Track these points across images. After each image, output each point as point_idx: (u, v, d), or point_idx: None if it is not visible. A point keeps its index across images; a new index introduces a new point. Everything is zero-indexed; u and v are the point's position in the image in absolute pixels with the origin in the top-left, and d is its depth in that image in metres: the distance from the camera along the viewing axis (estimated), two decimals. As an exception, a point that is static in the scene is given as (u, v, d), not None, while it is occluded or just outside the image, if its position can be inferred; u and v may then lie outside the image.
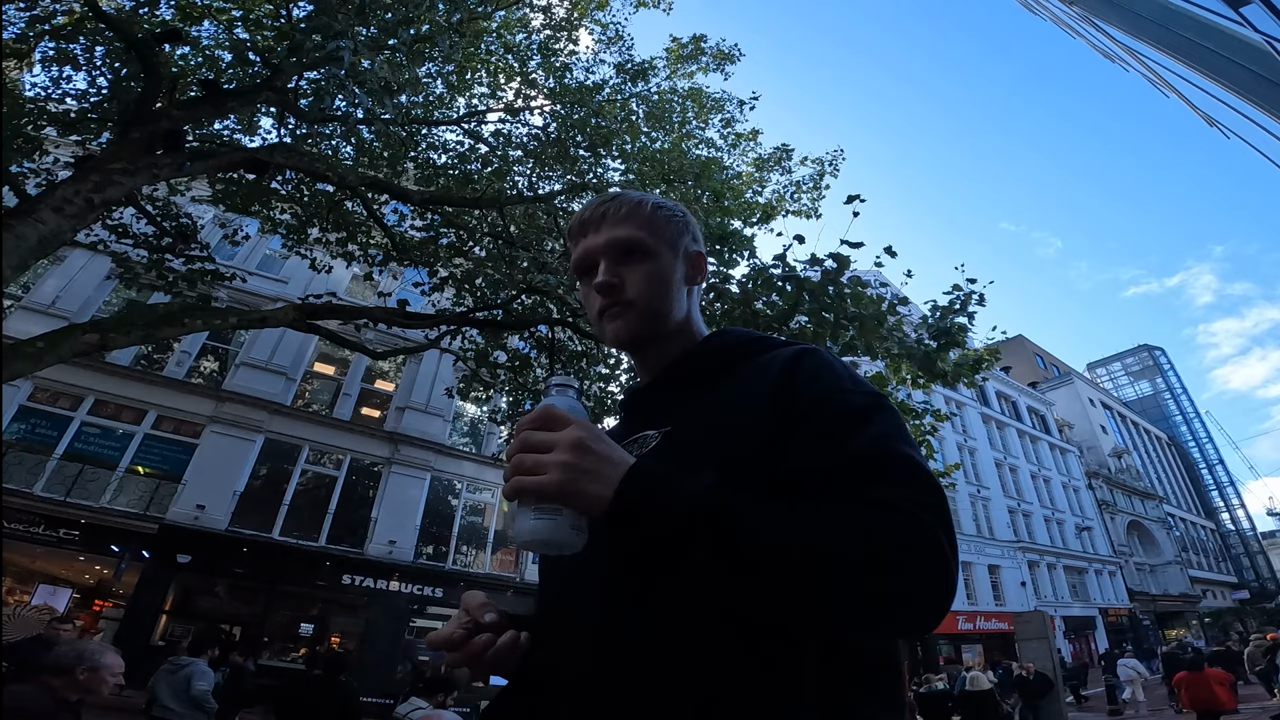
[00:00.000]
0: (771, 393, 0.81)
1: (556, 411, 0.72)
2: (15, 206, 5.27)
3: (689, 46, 10.74)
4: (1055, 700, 14.02)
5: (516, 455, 0.70)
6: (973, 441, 35.90)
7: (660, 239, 0.98)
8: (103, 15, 6.27)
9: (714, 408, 0.86)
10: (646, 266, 0.96)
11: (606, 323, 0.97)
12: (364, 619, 16.25)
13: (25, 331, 12.31)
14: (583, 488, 0.67)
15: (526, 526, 0.69)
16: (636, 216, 0.98)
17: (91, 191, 5.37)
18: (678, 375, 0.97)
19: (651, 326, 0.97)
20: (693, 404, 0.90)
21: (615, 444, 0.72)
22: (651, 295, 0.96)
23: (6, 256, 4.84)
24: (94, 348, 5.63)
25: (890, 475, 0.70)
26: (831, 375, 0.83)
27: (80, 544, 13.89)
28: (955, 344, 6.86)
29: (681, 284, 1.01)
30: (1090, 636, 35.08)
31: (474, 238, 9.48)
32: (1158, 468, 57.86)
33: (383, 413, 19.09)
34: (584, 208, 1.02)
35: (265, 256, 19.03)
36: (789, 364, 0.84)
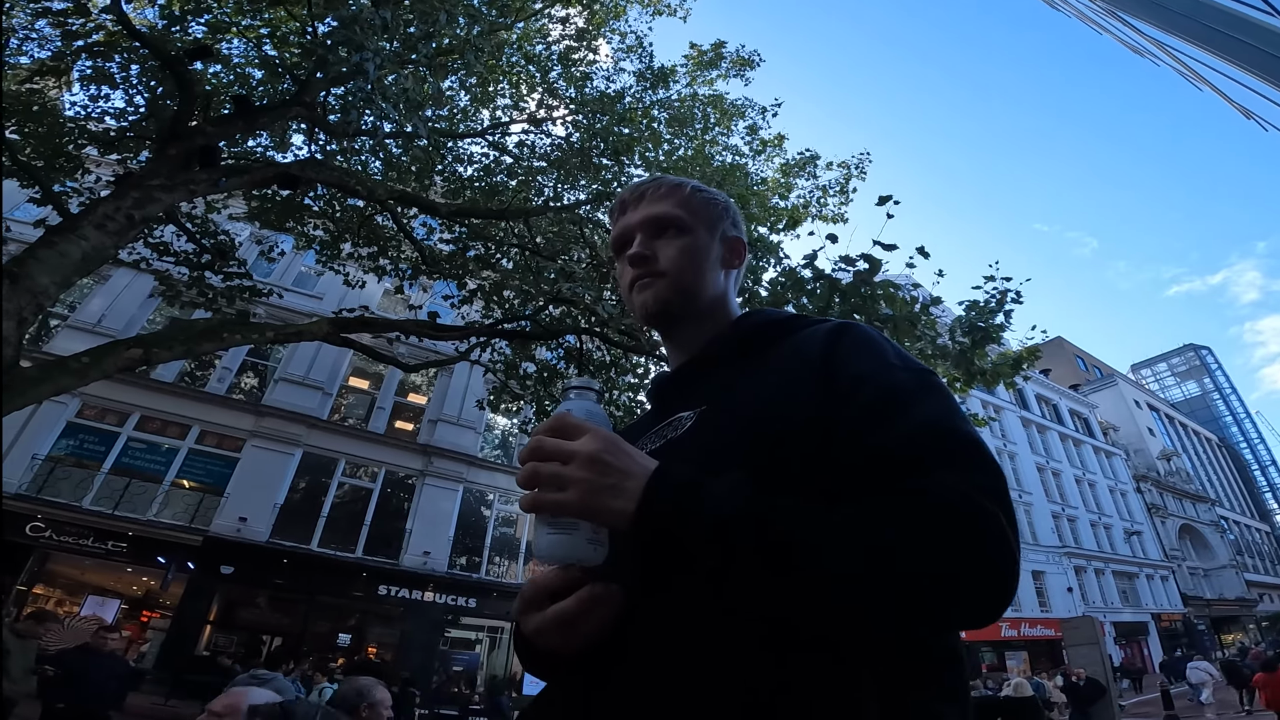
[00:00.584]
0: (811, 370, 0.77)
1: (572, 419, 0.68)
2: (59, 224, 5.46)
3: (709, 53, 10.75)
4: (1108, 706, 13.53)
5: (531, 465, 0.66)
6: (1012, 446, 35.07)
7: (697, 218, 0.97)
8: (136, 33, 6.46)
9: (750, 386, 0.81)
10: (681, 241, 0.95)
11: (637, 294, 0.94)
12: (400, 630, 16.44)
13: (73, 350, 12.78)
14: (604, 503, 0.64)
15: (544, 541, 0.66)
16: (675, 195, 0.97)
17: (132, 208, 5.54)
18: (711, 355, 0.93)
19: (682, 299, 0.94)
20: (728, 383, 0.85)
21: (636, 452, 0.68)
22: (683, 268, 0.93)
23: (50, 273, 5.01)
24: (137, 362, 5.79)
25: (947, 457, 0.64)
26: (876, 350, 0.77)
27: (128, 556, 14.30)
28: (992, 341, 6.67)
29: (717, 264, 0.98)
30: (1143, 642, 34.02)
31: (501, 249, 9.57)
32: (1208, 470, 55.84)
33: (416, 425, 19.35)
34: (624, 189, 1.01)
35: (300, 273, 19.50)
36: (829, 339, 0.80)
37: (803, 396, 0.74)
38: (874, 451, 0.67)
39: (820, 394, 0.74)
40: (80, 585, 15.11)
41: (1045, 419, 39.39)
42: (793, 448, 0.70)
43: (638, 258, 0.94)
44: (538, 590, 0.70)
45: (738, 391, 0.82)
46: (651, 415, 0.98)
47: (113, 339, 15.12)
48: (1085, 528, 35.76)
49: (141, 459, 15.36)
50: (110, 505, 14.38)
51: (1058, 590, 30.83)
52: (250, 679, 6.82)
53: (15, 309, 4.77)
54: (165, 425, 15.87)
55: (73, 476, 14.40)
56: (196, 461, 15.87)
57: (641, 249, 0.94)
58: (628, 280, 0.96)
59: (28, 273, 4.90)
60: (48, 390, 4.95)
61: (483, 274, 9.75)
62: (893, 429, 0.67)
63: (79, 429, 15.00)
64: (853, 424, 0.70)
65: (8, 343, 4.67)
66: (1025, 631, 27.93)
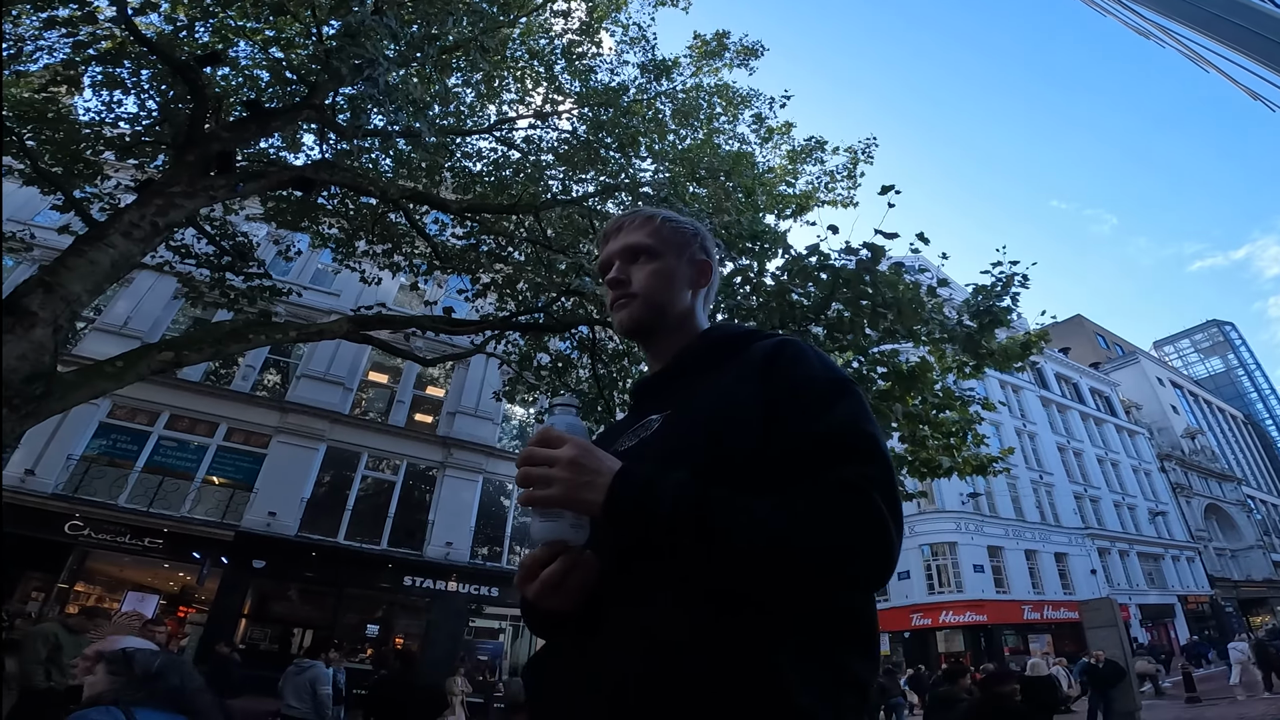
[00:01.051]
0: (755, 379, 0.94)
1: (555, 432, 0.86)
2: (86, 233, 5.66)
3: (712, 43, 10.76)
4: (1127, 689, 13.49)
5: (524, 469, 0.85)
6: (1032, 426, 34.67)
7: (666, 244, 1.15)
8: (144, 40, 6.59)
9: (707, 393, 0.98)
10: (651, 266, 1.12)
11: (616, 313, 1.14)
12: (425, 620, 16.81)
13: (101, 352, 13.16)
14: (579, 496, 0.82)
15: (537, 527, 0.87)
16: (647, 226, 1.15)
17: (155, 215, 5.74)
18: (679, 364, 1.11)
19: (652, 316, 1.12)
20: (690, 390, 1.02)
21: (605, 456, 0.86)
22: (653, 289, 1.12)
23: (82, 280, 5.24)
24: (169, 365, 6.02)
25: (848, 454, 0.83)
26: (805, 363, 0.95)
27: (164, 552, 14.78)
28: (999, 324, 6.72)
29: (685, 284, 1.16)
30: (1169, 625, 33.51)
31: (513, 243, 9.72)
32: (1234, 448, 54.75)
33: (435, 418, 19.68)
34: (608, 223, 1.20)
35: (318, 271, 19.84)
36: (770, 353, 0.97)
37: (747, 401, 0.92)
38: (796, 445, 0.86)
39: (760, 399, 0.91)
40: (119, 582, 15.63)
41: (1066, 398, 38.90)
42: (738, 443, 0.89)
43: (614, 282, 1.13)
44: (533, 561, 0.88)
45: (697, 397, 0.99)
46: (631, 415, 1.16)
47: (139, 340, 15.63)
48: (1108, 508, 35.30)
49: (173, 457, 15.82)
50: (145, 503, 14.86)
51: (1081, 572, 30.51)
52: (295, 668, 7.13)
53: (51, 316, 5.00)
54: (194, 423, 16.32)
55: (107, 475, 14.88)
56: (225, 458, 16.32)
57: (617, 274, 1.13)
58: (609, 301, 1.15)
59: (60, 281, 5.12)
60: (86, 394, 5.19)
61: (495, 267, 9.91)
62: (812, 427, 0.86)
63: (111, 429, 15.49)
64: (782, 423, 0.88)
65: (46, 349, 4.91)
66: (1048, 614, 27.71)
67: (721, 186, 9.05)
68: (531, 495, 0.84)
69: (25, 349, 4.69)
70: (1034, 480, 32.24)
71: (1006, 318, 6.72)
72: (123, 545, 14.46)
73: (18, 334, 4.71)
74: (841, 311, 6.47)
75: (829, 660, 0.80)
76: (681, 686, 0.74)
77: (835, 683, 0.79)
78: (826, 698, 0.76)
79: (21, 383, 4.58)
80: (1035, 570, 29.23)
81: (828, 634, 0.81)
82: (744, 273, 7.07)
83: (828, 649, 0.80)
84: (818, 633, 0.80)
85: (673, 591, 0.81)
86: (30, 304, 4.84)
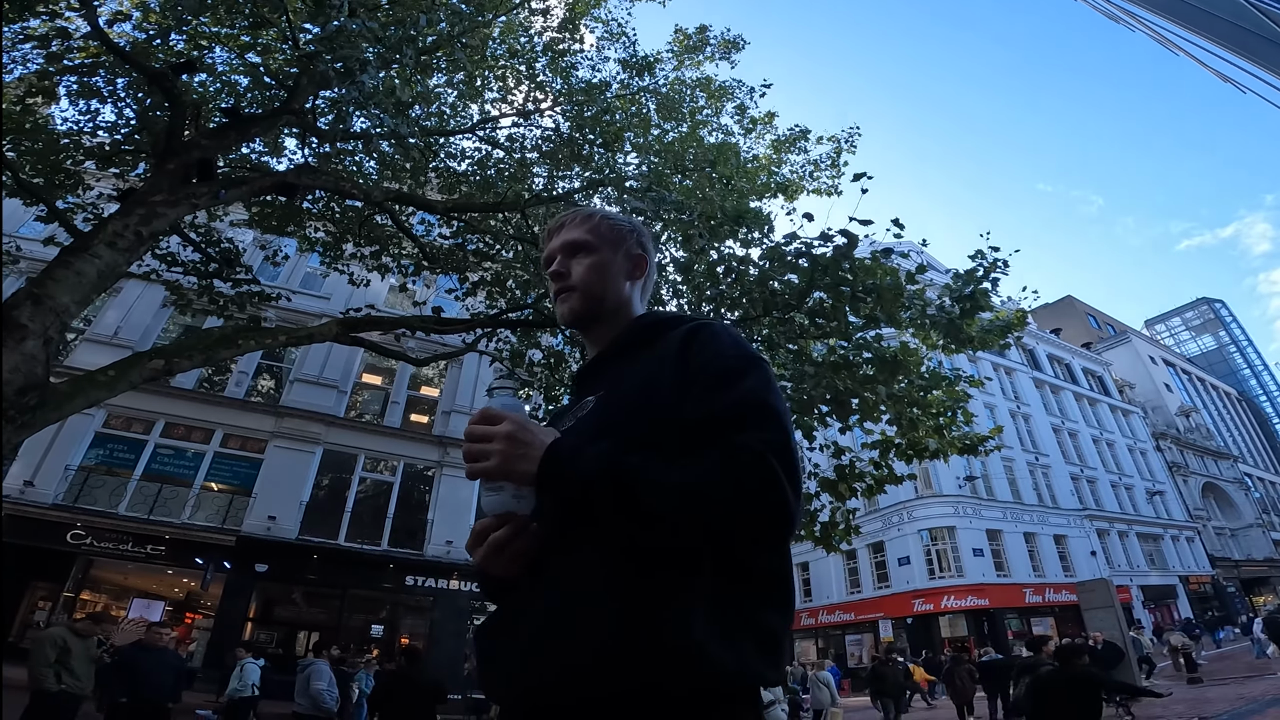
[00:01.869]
0: (675, 359, 1.03)
1: (493, 411, 0.95)
2: (71, 244, 5.70)
3: (694, 37, 10.82)
4: (1127, 669, 13.61)
5: (466, 446, 0.94)
6: (1026, 408, 34.80)
7: (603, 240, 1.23)
8: (118, 50, 6.61)
9: (635, 374, 1.07)
10: (589, 259, 1.21)
11: (558, 305, 1.22)
12: (429, 619, 16.96)
13: (93, 363, 13.14)
14: (514, 467, 0.91)
15: (485, 500, 0.95)
16: (587, 224, 1.23)
17: (139, 225, 5.79)
18: (613, 349, 1.19)
19: (591, 306, 1.20)
20: (621, 371, 1.12)
21: (540, 430, 0.95)
22: (591, 281, 1.20)
23: (70, 292, 5.30)
24: (160, 373, 6.08)
25: (751, 422, 0.91)
26: (717, 343, 1.03)
27: (167, 558, 14.90)
28: (979, 308, 6.82)
29: (621, 277, 1.24)
30: (1172, 606, 33.54)
31: (500, 241, 9.78)
32: (1230, 425, 54.95)
33: (430, 418, 19.77)
34: (551, 220, 1.28)
35: (306, 274, 19.86)
36: (687, 336, 1.06)
37: (666, 379, 1.01)
38: (705, 415, 0.94)
39: (677, 376, 1.00)
40: (125, 589, 15.75)
41: (1059, 379, 39.04)
42: (658, 415, 0.98)
43: (555, 274, 1.21)
44: (482, 529, 0.98)
45: (625, 378, 1.08)
46: (573, 399, 1.24)
47: (129, 349, 15.65)
48: (1106, 489, 35.43)
49: (170, 464, 15.91)
50: (145, 510, 14.96)
51: (1081, 554, 30.56)
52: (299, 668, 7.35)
53: (41, 328, 5.06)
54: (190, 431, 16.41)
55: (106, 484, 14.98)
56: (223, 464, 16.41)
57: (559, 268, 1.21)
58: (552, 293, 1.23)
59: (49, 293, 5.17)
60: (80, 403, 5.25)
61: (483, 266, 9.97)
62: (720, 398, 0.95)
63: (108, 439, 15.56)
64: (695, 396, 0.97)
65: (37, 361, 4.98)
66: (1050, 597, 27.77)
67: (706, 177, 9.11)
68: (472, 468, 0.93)
69: (17, 361, 4.75)
70: (1030, 462, 32.36)
71: (987, 301, 6.82)
72: (126, 553, 14.56)
73: (9, 346, 4.77)
74: (823, 299, 6.57)
75: (740, 612, 0.87)
76: (590, 628, 0.84)
77: (743, 632, 0.86)
78: (731, 644, 0.85)
79: (15, 394, 4.65)
80: (1035, 553, 29.33)
81: (740, 589, 0.89)
82: (727, 262, 7.15)
83: (739, 602, 0.88)
84: (730, 588, 0.88)
85: (595, 549, 0.89)
86: (20, 316, 4.90)
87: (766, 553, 0.94)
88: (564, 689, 0.84)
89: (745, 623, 0.88)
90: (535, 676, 0.87)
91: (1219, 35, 6.60)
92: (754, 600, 0.91)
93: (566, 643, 0.85)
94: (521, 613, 0.95)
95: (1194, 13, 6.96)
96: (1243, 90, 9.24)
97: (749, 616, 0.89)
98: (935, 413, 7.89)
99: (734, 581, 0.89)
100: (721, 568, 0.89)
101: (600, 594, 0.86)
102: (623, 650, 0.82)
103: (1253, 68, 6.81)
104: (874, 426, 7.63)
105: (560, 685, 0.84)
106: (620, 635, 0.82)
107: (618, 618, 0.83)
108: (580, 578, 0.89)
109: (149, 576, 15.91)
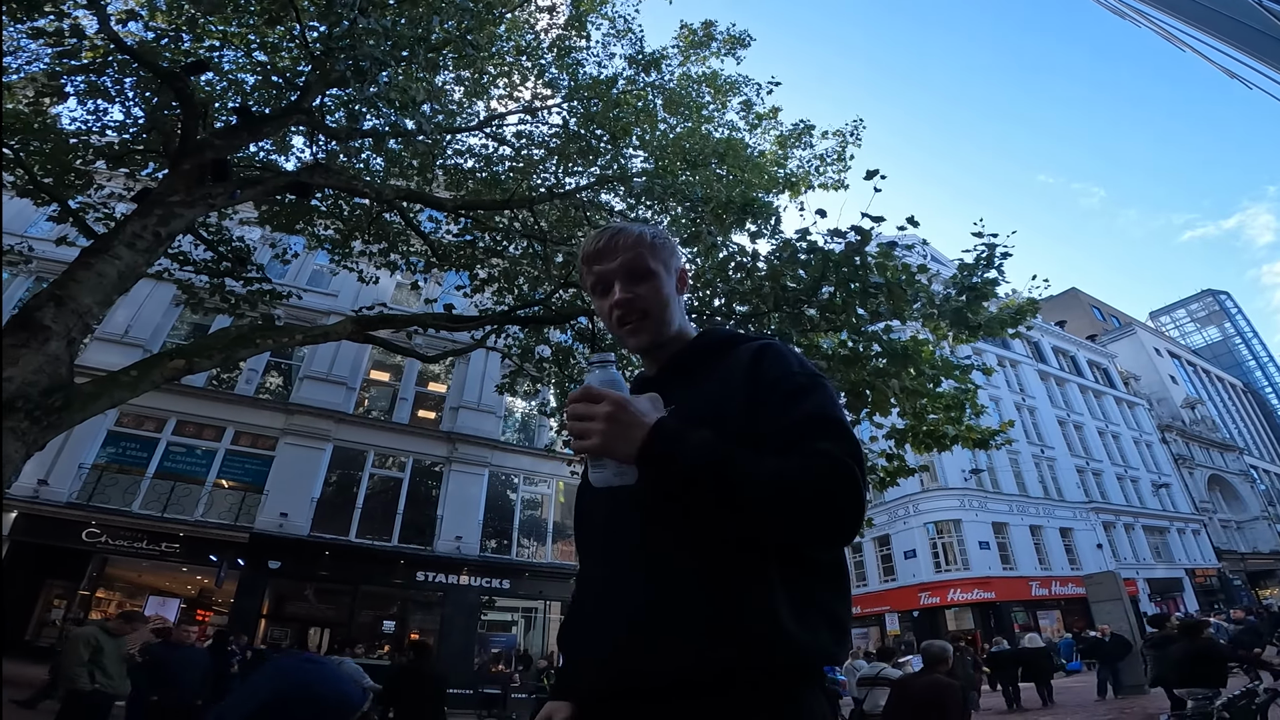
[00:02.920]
0: (744, 377, 1.10)
1: (594, 390, 0.98)
2: (91, 245, 5.76)
3: (700, 33, 10.83)
4: (1135, 661, 13.67)
5: (570, 423, 0.98)
6: (1031, 400, 34.68)
7: (660, 261, 1.25)
8: (128, 50, 6.65)
9: (703, 391, 1.14)
10: (653, 284, 1.23)
11: (628, 335, 1.24)
12: (439, 614, 17.04)
13: (105, 362, 13.32)
14: (617, 446, 0.94)
15: (592, 475, 1.01)
16: (641, 245, 1.24)
17: (157, 225, 5.86)
18: (677, 366, 1.25)
19: (660, 331, 1.25)
20: (688, 388, 1.18)
21: (641, 410, 0.98)
22: (660, 308, 1.24)
23: (91, 293, 5.37)
24: (181, 372, 6.15)
25: (826, 434, 0.97)
26: (784, 362, 1.10)
27: (181, 556, 15.04)
28: (985, 296, 6.87)
29: (674, 295, 1.28)
30: (1178, 599, 33.33)
31: (508, 238, 9.82)
32: (1235, 417, 54.52)
33: (438, 414, 19.86)
34: (592, 239, 1.27)
35: (314, 272, 19.87)
36: (755, 355, 1.13)
37: (737, 396, 1.08)
38: (782, 427, 1.01)
39: (747, 392, 1.08)
40: (139, 587, 15.91)
41: (1063, 371, 38.89)
42: (732, 429, 1.04)
43: (624, 302, 1.21)
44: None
45: (695, 395, 1.14)
46: None
47: (141, 348, 15.78)
48: (1111, 481, 35.29)
49: (182, 462, 16.03)
50: (159, 508, 15.07)
51: (1087, 547, 30.51)
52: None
53: (64, 329, 5.14)
54: (201, 429, 16.52)
55: (120, 483, 15.10)
56: (234, 461, 16.53)
57: (623, 295, 1.21)
58: (615, 319, 1.24)
59: (71, 294, 5.24)
60: (104, 404, 5.33)
61: (492, 262, 10.02)
62: (794, 412, 1.02)
63: (120, 437, 15.68)
64: (768, 411, 1.04)
65: (61, 361, 5.06)
66: (1056, 590, 27.74)
67: (713, 173, 9.15)
68: (576, 445, 0.98)
69: (41, 362, 4.83)
70: (1035, 455, 32.31)
71: (993, 289, 6.87)
72: (140, 551, 14.69)
73: (33, 348, 4.85)
74: (833, 294, 6.62)
75: (812, 598, 0.97)
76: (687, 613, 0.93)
77: (817, 616, 0.96)
78: (809, 627, 0.94)
79: (40, 395, 4.72)
80: (1041, 546, 29.32)
81: (810, 578, 0.99)
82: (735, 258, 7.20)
83: (811, 589, 0.98)
84: (802, 576, 0.98)
85: (685, 534, 0.98)
86: (43, 318, 4.98)
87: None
88: (663, 671, 0.92)
89: (818, 608, 0.97)
90: (633, 659, 0.95)
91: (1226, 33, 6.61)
92: (822, 587, 1.00)
93: (664, 627, 0.94)
94: (613, 597, 1.04)
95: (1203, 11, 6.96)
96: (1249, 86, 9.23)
97: (820, 602, 0.98)
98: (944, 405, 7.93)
99: (805, 571, 0.98)
100: (791, 558, 0.97)
101: (693, 580, 0.95)
102: (719, 634, 0.91)
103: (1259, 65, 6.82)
104: (884, 420, 7.67)
105: (659, 668, 0.92)
106: (717, 620, 0.91)
107: (713, 603, 0.92)
108: (672, 563, 0.98)
109: (163, 574, 16.07)
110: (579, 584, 1.22)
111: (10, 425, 4.48)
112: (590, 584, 1.16)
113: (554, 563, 18.96)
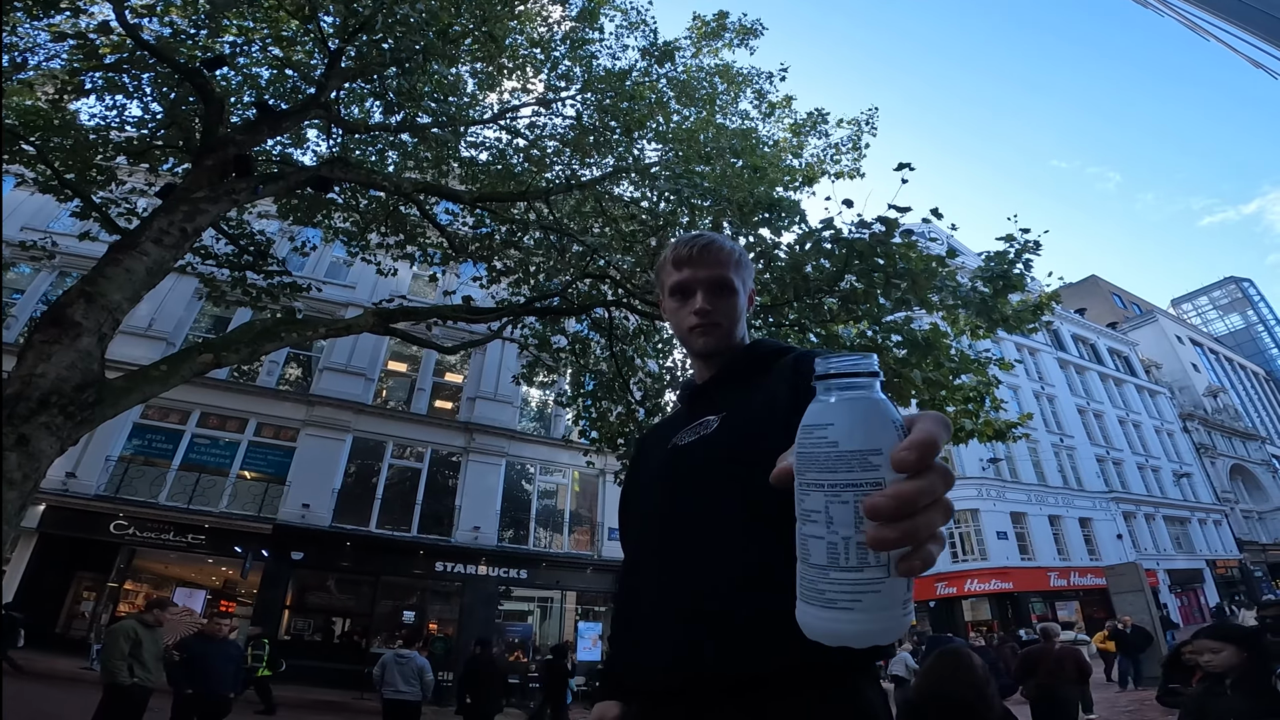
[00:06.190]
0: (789, 384, 1.12)
1: (936, 443, 0.53)
2: (119, 241, 5.82)
3: (712, 23, 10.75)
4: (1156, 653, 13.58)
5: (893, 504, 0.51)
6: (1050, 388, 34.31)
7: (741, 279, 1.33)
8: (147, 45, 6.69)
9: (755, 398, 1.18)
10: (732, 300, 1.31)
11: (698, 337, 1.30)
12: (457, 604, 17.26)
13: (129, 355, 13.55)
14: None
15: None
16: (730, 261, 1.31)
17: (184, 221, 5.93)
18: (728, 374, 1.30)
19: (728, 342, 1.31)
20: (740, 395, 1.22)
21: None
22: (732, 322, 1.31)
23: (121, 289, 5.45)
24: (210, 366, 6.24)
25: None
26: None
27: (208, 547, 15.31)
28: (1013, 289, 6.79)
29: (745, 310, 1.35)
30: (1199, 590, 33.12)
31: (524, 229, 9.84)
32: (1258, 406, 53.67)
33: (455, 404, 20.02)
34: (683, 244, 1.33)
35: (332, 264, 20.05)
36: (796, 364, 1.16)
37: (784, 401, 1.10)
38: None
39: (791, 398, 1.10)
40: (166, 578, 16.19)
41: (1084, 359, 38.43)
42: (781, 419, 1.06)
43: (704, 311, 1.28)
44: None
45: (747, 402, 1.18)
46: (684, 415, 1.34)
47: (164, 341, 16.01)
48: (1132, 471, 34.95)
49: (207, 454, 16.31)
50: (185, 500, 15.36)
51: (1107, 537, 30.24)
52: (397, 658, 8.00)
53: (95, 325, 5.22)
54: (225, 420, 16.79)
55: (146, 475, 15.38)
56: (257, 453, 16.80)
57: (705, 304, 1.28)
58: (688, 324, 1.30)
59: (100, 290, 5.32)
60: (136, 398, 5.41)
61: (509, 254, 10.05)
62: None
63: (146, 429, 15.97)
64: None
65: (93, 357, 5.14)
66: (1075, 581, 27.51)
67: (729, 165, 9.08)
68: (912, 565, 0.54)
69: (74, 358, 4.91)
70: (1055, 444, 32.00)
71: (1021, 283, 6.79)
72: (167, 542, 14.97)
73: (65, 344, 4.93)
74: (854, 283, 6.57)
75: None
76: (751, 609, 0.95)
77: None
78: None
79: (74, 390, 4.81)
80: (1060, 536, 29.07)
81: None
82: (754, 249, 7.17)
83: None
84: None
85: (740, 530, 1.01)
86: (74, 314, 5.05)
87: None
88: (733, 669, 0.94)
89: None
90: (701, 658, 0.96)
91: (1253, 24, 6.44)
92: None
93: (731, 625, 0.95)
94: (673, 595, 1.05)
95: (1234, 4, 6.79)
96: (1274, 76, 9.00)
97: None
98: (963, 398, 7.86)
99: None
100: None
101: (758, 577, 0.96)
102: (785, 629, 0.90)
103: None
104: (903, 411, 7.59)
105: (728, 667, 0.94)
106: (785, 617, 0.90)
107: (780, 600, 0.91)
108: (738, 562, 1.00)
109: (189, 566, 16.37)
110: (629, 582, 1.23)
111: (45, 421, 4.57)
112: (645, 582, 1.17)
113: (570, 552, 19.11)
